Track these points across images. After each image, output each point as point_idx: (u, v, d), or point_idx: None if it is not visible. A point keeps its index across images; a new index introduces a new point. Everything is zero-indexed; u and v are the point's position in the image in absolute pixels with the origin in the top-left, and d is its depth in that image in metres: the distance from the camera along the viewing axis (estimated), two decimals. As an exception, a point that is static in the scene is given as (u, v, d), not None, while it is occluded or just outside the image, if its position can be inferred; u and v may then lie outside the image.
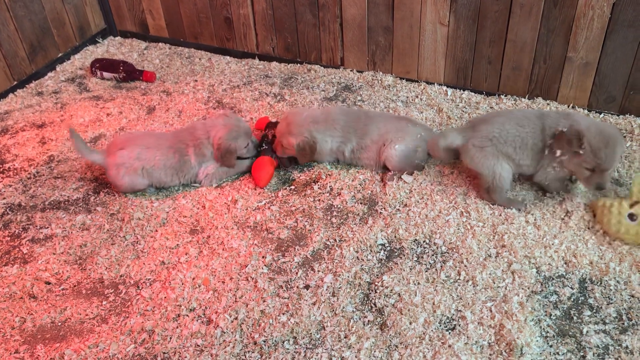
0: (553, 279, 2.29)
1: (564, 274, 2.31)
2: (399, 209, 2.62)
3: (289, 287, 2.33)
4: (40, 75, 3.79)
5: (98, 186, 2.89)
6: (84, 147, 2.78)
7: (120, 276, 2.43)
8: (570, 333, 2.11)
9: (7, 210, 2.77)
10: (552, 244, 2.41)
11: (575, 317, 2.16)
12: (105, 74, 3.76)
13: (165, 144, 2.76)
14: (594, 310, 2.18)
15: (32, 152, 3.13)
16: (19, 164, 3.06)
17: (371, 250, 2.45)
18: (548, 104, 3.20)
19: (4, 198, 2.83)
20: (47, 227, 2.66)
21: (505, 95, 3.29)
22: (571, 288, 2.25)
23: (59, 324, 2.25)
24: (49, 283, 2.40)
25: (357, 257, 2.42)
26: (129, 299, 2.33)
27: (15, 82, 3.65)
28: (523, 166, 2.55)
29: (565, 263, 2.34)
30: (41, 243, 2.59)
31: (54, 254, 2.53)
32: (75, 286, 2.40)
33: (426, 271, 2.35)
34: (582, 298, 2.22)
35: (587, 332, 2.10)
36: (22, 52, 3.65)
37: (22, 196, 2.84)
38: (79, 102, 3.55)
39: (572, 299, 2.22)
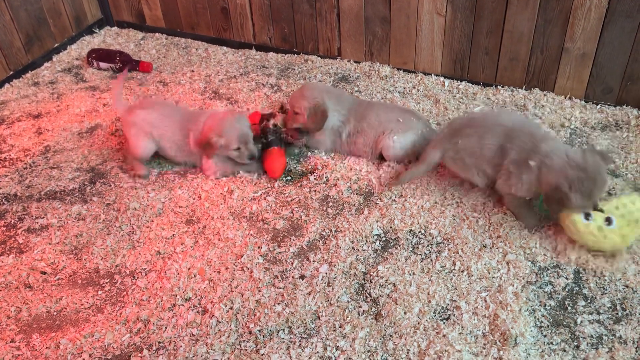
0: (548, 269, 2.29)
1: (559, 264, 2.31)
2: (394, 200, 2.62)
3: (284, 277, 2.33)
4: (37, 65, 3.77)
5: (94, 176, 2.89)
6: (119, 96, 2.95)
7: (116, 266, 2.43)
8: (564, 323, 2.11)
9: (3, 200, 2.77)
10: (548, 235, 2.41)
11: (569, 307, 2.16)
12: (102, 64, 3.75)
13: (178, 119, 2.80)
14: (589, 301, 2.18)
15: (28, 143, 3.12)
16: (15, 154, 3.05)
17: (367, 241, 2.45)
18: (545, 94, 3.19)
19: (0, 188, 2.83)
20: (43, 217, 2.66)
21: (502, 86, 3.29)
22: (566, 278, 2.26)
23: (55, 313, 2.25)
24: (45, 273, 2.41)
25: (353, 248, 2.42)
26: (124, 289, 2.33)
27: (12, 72, 3.64)
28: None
29: (560, 254, 2.34)
30: (37, 233, 2.59)
31: (49, 243, 2.53)
32: (70, 276, 2.40)
33: (421, 261, 2.35)
34: (577, 288, 2.23)
35: (581, 322, 2.11)
36: (17, 42, 3.63)
37: (18, 186, 2.84)
38: (76, 92, 3.54)
39: (566, 289, 2.23)
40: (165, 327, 2.16)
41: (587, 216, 2.24)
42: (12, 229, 2.62)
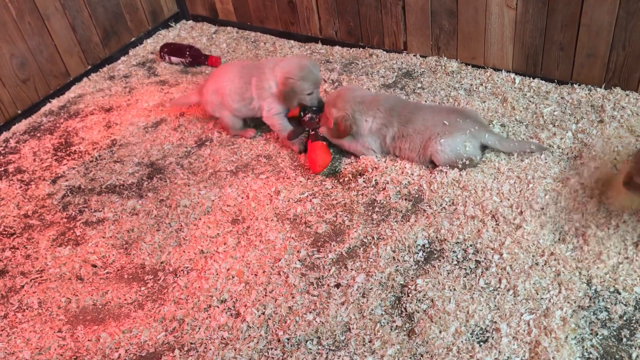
0: (605, 293, 2.08)
1: (619, 289, 2.09)
2: (445, 207, 2.49)
3: (319, 284, 2.28)
4: (114, 59, 3.94)
5: (152, 171, 2.97)
6: (185, 99, 3.28)
7: (161, 263, 2.49)
8: (617, 356, 1.91)
9: (68, 192, 2.92)
10: (610, 255, 2.18)
11: (625, 339, 1.95)
12: (173, 59, 3.84)
13: (236, 70, 2.97)
14: (649, 332, 1.96)
15: (97, 136, 3.27)
16: (84, 147, 3.21)
17: (409, 251, 2.34)
18: (627, 94, 2.89)
19: (67, 180, 2.99)
20: (101, 211, 2.78)
21: (579, 85, 3.02)
22: (625, 305, 2.04)
23: (100, 307, 2.35)
24: (95, 266, 2.51)
25: (393, 257, 2.33)
26: (165, 286, 2.39)
27: (90, 67, 3.82)
28: None
29: (622, 277, 2.11)
30: (93, 226, 2.71)
31: (103, 237, 2.64)
32: (118, 270, 2.49)
33: (465, 277, 2.21)
34: (637, 317, 2.01)
35: (637, 356, 1.90)
36: (95, 37, 3.80)
37: (82, 179, 2.98)
38: (146, 86, 3.66)
39: (624, 318, 2.01)
40: (199, 328, 2.19)
41: None
42: (72, 220, 2.76)
